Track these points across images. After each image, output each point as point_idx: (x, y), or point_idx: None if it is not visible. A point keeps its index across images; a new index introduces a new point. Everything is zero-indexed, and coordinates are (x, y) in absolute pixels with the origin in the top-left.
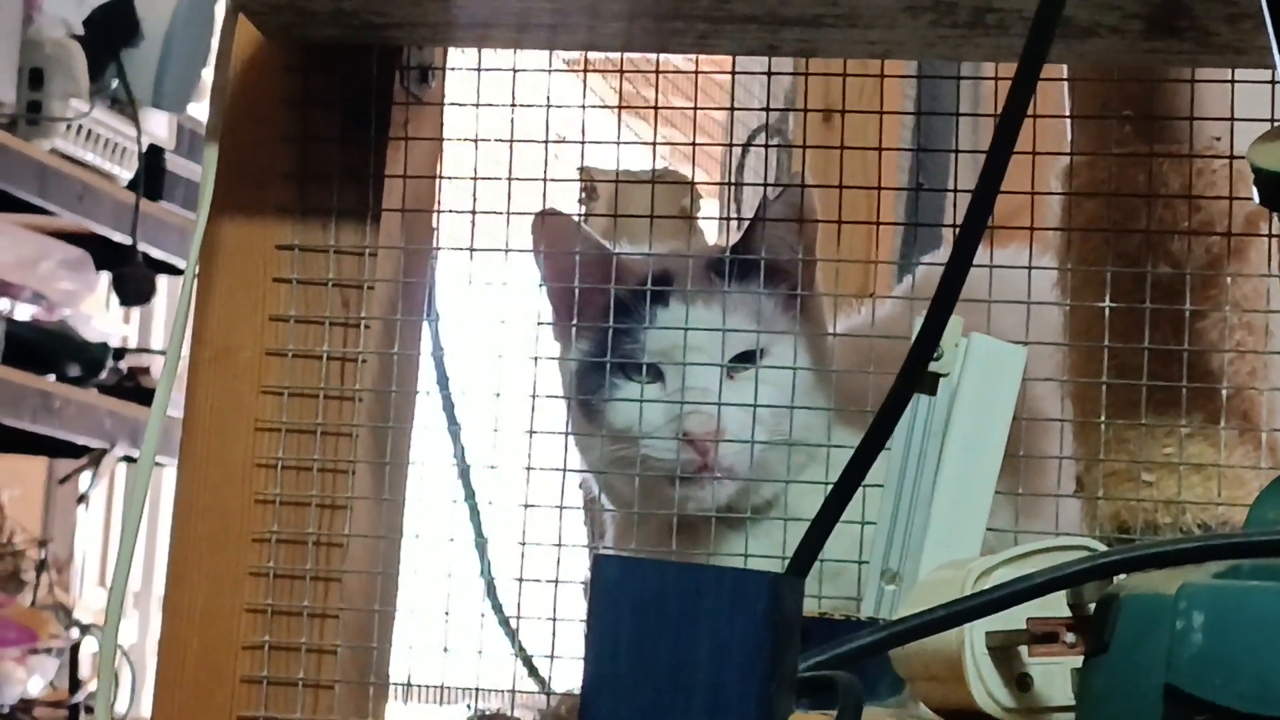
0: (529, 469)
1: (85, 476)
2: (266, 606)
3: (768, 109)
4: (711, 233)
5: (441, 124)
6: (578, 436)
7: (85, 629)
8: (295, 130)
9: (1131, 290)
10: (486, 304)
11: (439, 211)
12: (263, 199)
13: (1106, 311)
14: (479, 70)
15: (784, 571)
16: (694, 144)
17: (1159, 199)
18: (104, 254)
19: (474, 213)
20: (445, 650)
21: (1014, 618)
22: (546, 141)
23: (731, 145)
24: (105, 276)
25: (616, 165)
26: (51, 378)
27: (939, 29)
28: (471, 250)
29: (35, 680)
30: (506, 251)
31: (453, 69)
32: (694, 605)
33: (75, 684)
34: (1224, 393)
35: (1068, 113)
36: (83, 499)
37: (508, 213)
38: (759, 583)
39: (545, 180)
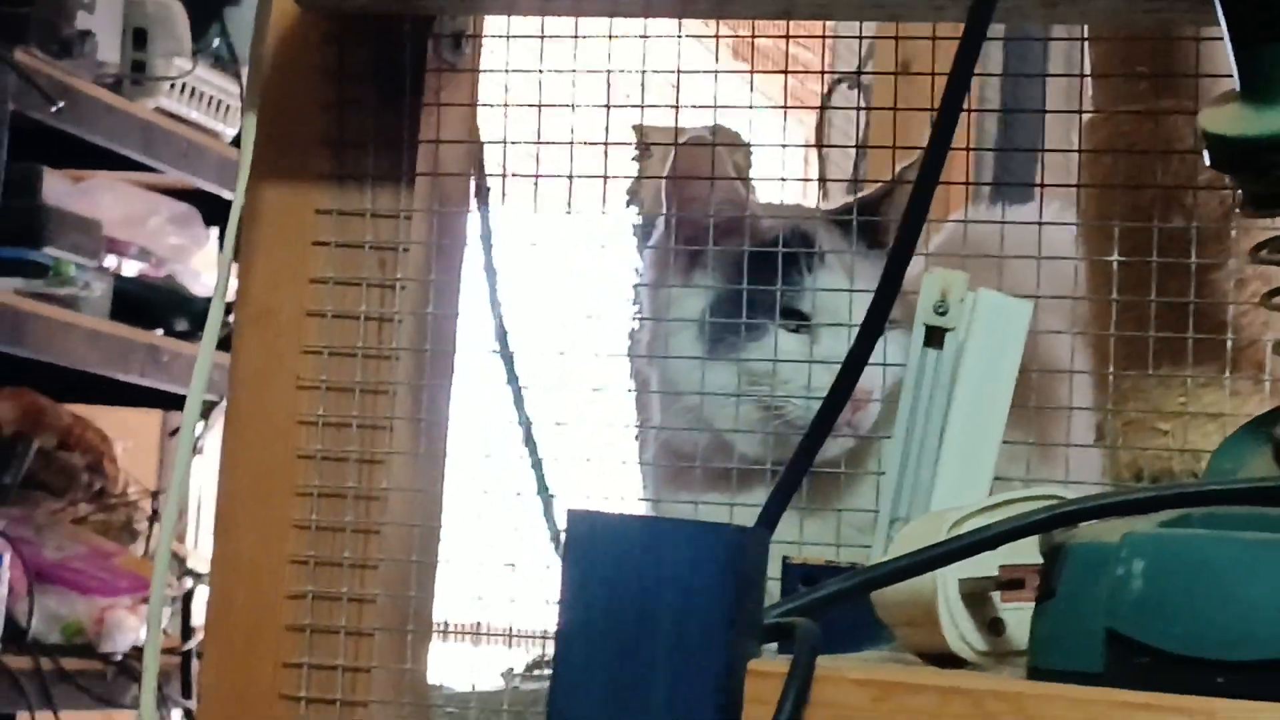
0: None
1: (199, 427)
2: (309, 558)
3: (800, 72)
4: (765, 192)
5: (475, 89)
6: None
7: (199, 577)
8: (332, 99)
9: (1147, 244)
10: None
11: (474, 175)
12: (301, 166)
13: (1114, 265)
14: (508, 38)
15: (755, 525)
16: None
17: (1174, 154)
18: (211, 209)
19: (504, 176)
20: (480, 599)
21: (989, 565)
22: (573, 106)
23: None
24: (214, 232)
25: (631, 125)
26: (159, 333)
27: None
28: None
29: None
30: (535, 211)
31: (488, 36)
32: (659, 557)
33: (188, 632)
34: (1232, 342)
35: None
36: (196, 450)
37: (535, 176)
38: (720, 535)
39: (571, 144)
